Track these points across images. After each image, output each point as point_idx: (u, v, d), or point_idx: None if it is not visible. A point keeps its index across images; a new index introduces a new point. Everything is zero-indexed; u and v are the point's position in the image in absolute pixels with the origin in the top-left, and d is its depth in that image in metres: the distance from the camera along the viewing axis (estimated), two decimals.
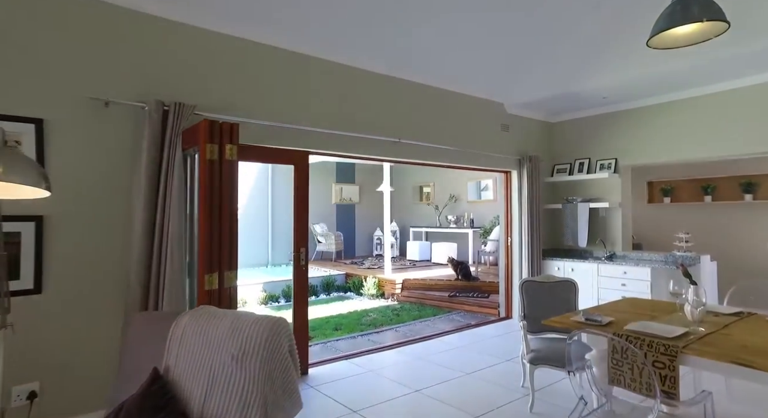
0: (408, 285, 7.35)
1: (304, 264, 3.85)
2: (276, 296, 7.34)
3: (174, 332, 1.66)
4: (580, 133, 6.08)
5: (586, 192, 5.96)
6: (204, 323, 1.67)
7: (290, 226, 3.78)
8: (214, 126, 2.66)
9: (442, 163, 5.10)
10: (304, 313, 3.89)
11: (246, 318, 1.67)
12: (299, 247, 3.84)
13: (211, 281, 2.61)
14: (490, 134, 5.62)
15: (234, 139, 2.74)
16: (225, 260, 2.70)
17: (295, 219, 3.87)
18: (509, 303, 5.98)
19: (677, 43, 2.67)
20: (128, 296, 2.85)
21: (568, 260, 5.57)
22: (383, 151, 4.47)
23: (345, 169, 11.45)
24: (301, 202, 3.89)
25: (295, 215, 3.87)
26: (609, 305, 3.10)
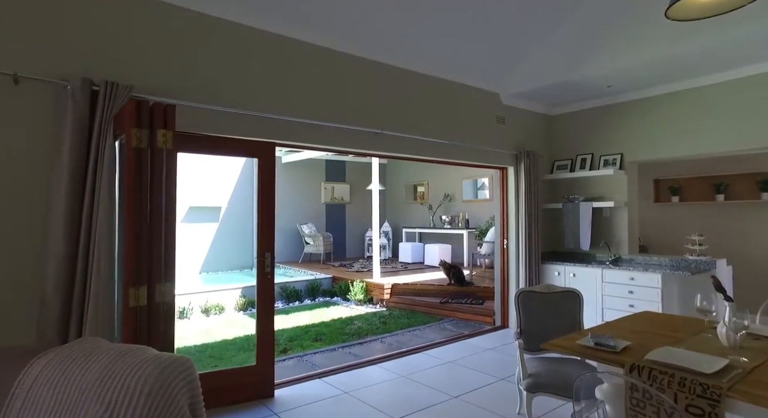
0: (397, 290, 6.87)
1: (269, 271, 3.37)
2: None
3: (22, 384, 1.18)
4: (583, 126, 5.61)
5: (588, 190, 5.49)
6: (69, 367, 1.19)
7: (277, 226, 3.30)
8: (142, 107, 2.19)
9: (431, 157, 4.62)
10: (269, 326, 3.41)
11: (130, 358, 1.19)
12: (264, 251, 3.35)
13: (137, 296, 2.13)
14: (484, 127, 5.15)
15: (169, 124, 2.27)
16: (156, 269, 2.23)
17: (259, 219, 3.39)
18: (505, 311, 5.51)
19: (703, 13, 2.22)
20: (42, 315, 2.36)
21: (569, 265, 5.10)
22: (363, 143, 3.99)
23: (335, 167, 10.97)
24: (267, 200, 3.41)
25: (260, 215, 3.39)
26: (621, 322, 2.62)
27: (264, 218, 3.39)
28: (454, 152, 4.77)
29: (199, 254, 8.97)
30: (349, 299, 7.18)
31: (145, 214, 2.17)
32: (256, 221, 3.33)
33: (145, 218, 2.17)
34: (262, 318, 3.36)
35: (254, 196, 9.62)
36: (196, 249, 8.94)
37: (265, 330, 3.37)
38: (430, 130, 4.53)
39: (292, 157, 9.79)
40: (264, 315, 3.37)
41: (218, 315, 6.41)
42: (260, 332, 3.35)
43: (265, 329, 3.37)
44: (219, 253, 9.18)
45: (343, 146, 3.87)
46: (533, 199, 5.36)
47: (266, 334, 3.37)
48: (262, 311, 3.37)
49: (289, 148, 3.60)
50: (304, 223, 10.14)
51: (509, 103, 5.39)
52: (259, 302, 3.37)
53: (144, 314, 2.13)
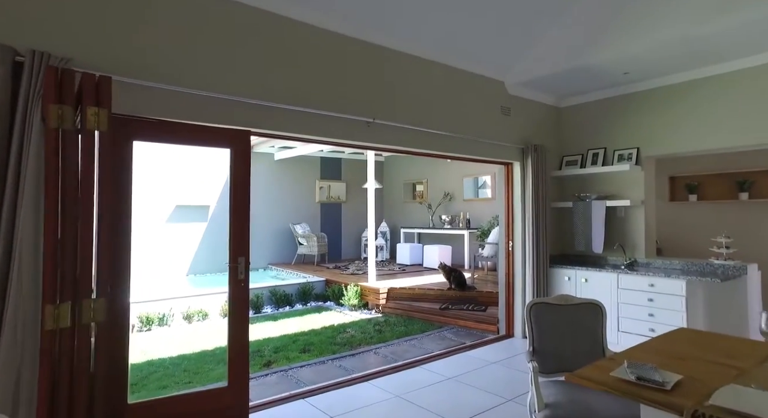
0: (394, 295, 6.43)
1: (243, 278, 2.93)
2: None
3: None
4: (594, 119, 5.17)
5: (601, 188, 5.05)
6: None
7: (268, 226, 2.86)
8: (65, 78, 1.75)
9: (428, 150, 4.18)
10: (242, 339, 2.97)
11: None
12: (237, 256, 2.91)
13: (57, 316, 1.69)
14: (488, 118, 4.71)
15: (103, 101, 1.84)
16: (85, 282, 1.78)
17: (232, 219, 2.95)
18: (510, 318, 5.07)
19: None
20: None
21: (581, 269, 4.66)
22: (352, 133, 3.55)
23: (330, 164, 10.53)
24: (241, 198, 2.97)
25: (233, 215, 2.96)
26: (657, 344, 2.18)
27: (238, 218, 2.95)
28: (454, 145, 4.33)
29: (186, 256, 8.53)
30: (342, 303, 6.74)
31: (71, 213, 1.74)
32: (228, 221, 2.86)
33: (71, 219, 1.74)
34: (234, 334, 2.92)
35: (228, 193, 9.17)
36: (183, 250, 8.50)
37: (237, 347, 2.93)
38: (428, 120, 4.09)
39: (285, 154, 9.35)
40: (237, 330, 2.93)
41: (201, 321, 5.96)
42: (232, 350, 2.91)
43: (237, 345, 2.93)
44: (207, 254, 8.73)
45: (329, 136, 3.43)
46: (541, 198, 4.92)
47: (239, 351, 2.93)
48: (235, 325, 2.92)
49: (266, 137, 3.16)
50: (298, 223, 9.70)
51: (515, 93, 4.95)
52: (231, 316, 2.92)
53: (65, 339, 1.70)
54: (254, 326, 5.73)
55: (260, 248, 9.40)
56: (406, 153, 4.20)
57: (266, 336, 5.28)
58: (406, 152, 4.18)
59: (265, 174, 9.57)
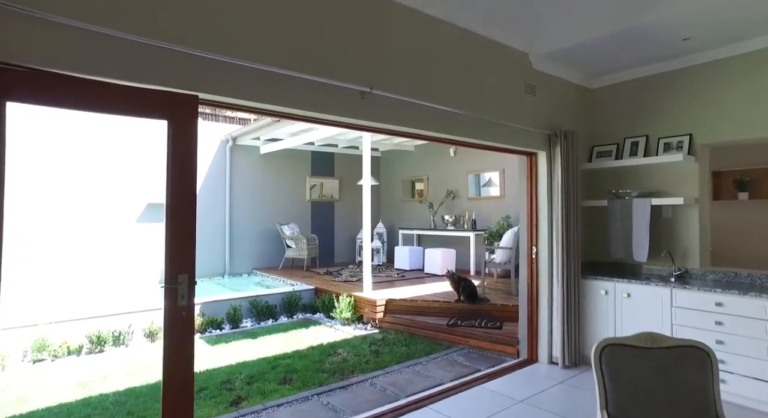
0: (393, 307, 5.57)
1: (184, 304, 2.05)
2: (218, 320, 5.53)
3: None
4: (634, 101, 4.33)
5: (642, 183, 4.23)
6: None
7: (253, 227, 2.09)
8: None
9: (436, 133, 3.32)
10: (185, 378, 2.09)
11: None
12: (176, 272, 2.04)
13: None
14: (510, 97, 3.86)
15: None
16: None
17: (169, 222, 2.08)
18: (533, 339, 4.23)
19: None
20: None
21: (621, 281, 3.83)
22: (341, 106, 2.69)
23: (322, 159, 9.65)
24: (182, 190, 2.10)
25: (170, 215, 2.08)
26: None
27: (178, 220, 2.08)
28: (469, 128, 3.48)
29: (159, 259, 7.62)
30: (333, 317, 5.87)
31: None
32: (165, 224, 1.98)
33: None
34: (170, 365, 2.04)
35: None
36: (157, 253, 7.59)
37: (174, 381, 2.04)
38: (438, 94, 3.24)
39: (271, 147, 8.47)
40: (174, 360, 2.04)
41: None
42: (167, 386, 2.02)
43: (174, 380, 2.04)
44: None
45: (311, 109, 2.56)
46: (572, 195, 4.09)
47: (176, 387, 2.05)
48: (173, 368, 2.04)
49: (220, 107, 2.28)
50: (286, 223, 8.82)
51: (541, 68, 4.10)
52: (167, 357, 2.04)
53: None
54: (229, 347, 4.86)
55: (244, 252, 8.52)
56: (409, 136, 3.33)
57: (241, 360, 4.41)
58: (409, 135, 3.32)
59: (250, 169, 8.68)
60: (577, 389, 3.54)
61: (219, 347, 4.86)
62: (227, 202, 8.35)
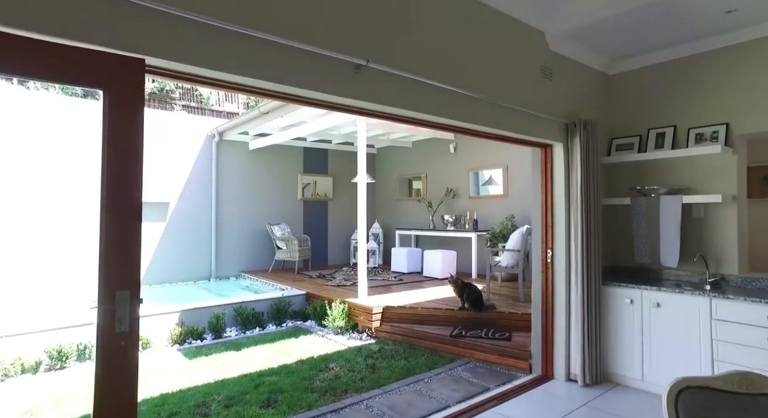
0: (390, 315, 5.11)
1: (123, 329, 1.57)
2: (200, 330, 5.04)
3: None
4: (659, 87, 3.89)
5: (669, 179, 3.79)
6: None
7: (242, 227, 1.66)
8: None
9: (442, 119, 2.85)
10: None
11: None
12: (112, 288, 1.56)
13: None
14: (524, 80, 3.41)
15: None
16: None
17: (105, 221, 1.59)
18: (548, 353, 3.78)
19: None
20: None
21: (649, 288, 3.38)
22: (333, 83, 2.22)
23: (315, 155, 9.17)
24: (125, 177, 1.62)
25: (107, 212, 1.60)
26: None
27: (116, 219, 1.60)
28: (478, 113, 3.03)
29: None
30: (325, 325, 5.39)
31: None
32: (100, 224, 1.49)
33: None
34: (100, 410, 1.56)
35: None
36: None
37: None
38: (445, 72, 2.78)
39: (261, 143, 7.98)
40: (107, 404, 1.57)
41: (142, 352, 4.57)
42: None
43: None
44: (167, 260, 7.33)
45: (293, 85, 2.09)
46: (592, 192, 3.64)
47: None
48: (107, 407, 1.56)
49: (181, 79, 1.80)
50: (276, 223, 8.33)
51: (558, 50, 3.66)
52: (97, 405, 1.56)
53: None
54: (209, 361, 4.37)
55: (232, 254, 8.02)
56: (410, 121, 2.86)
57: (221, 376, 3.93)
58: (410, 120, 2.85)
59: (238, 166, 8.19)
60: (605, 413, 3.09)
61: (198, 361, 4.37)
62: (213, 201, 7.84)
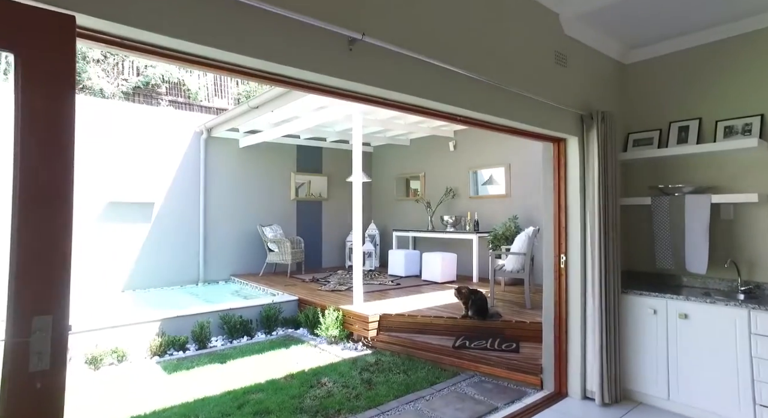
0: (388, 324, 4.75)
1: (43, 367, 1.20)
2: (182, 340, 4.66)
3: None
4: (681, 77, 3.57)
5: (692, 176, 3.46)
6: None
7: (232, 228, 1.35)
8: None
9: (448, 106, 2.50)
10: None
11: None
12: (29, 312, 1.19)
13: None
14: (538, 66, 3.08)
15: None
16: None
17: (17, 221, 1.22)
18: (562, 367, 3.44)
19: None
20: None
21: (676, 298, 3.05)
22: (322, 60, 1.87)
23: (308, 154, 8.81)
24: (48, 167, 1.25)
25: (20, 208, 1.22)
26: None
27: (37, 220, 1.23)
28: (487, 100, 2.69)
29: (122, 266, 6.73)
30: (318, 333, 5.04)
31: None
32: (11, 226, 1.12)
33: None
34: None
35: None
36: (119, 258, 6.70)
37: None
38: (451, 51, 2.43)
39: (252, 140, 7.61)
40: None
41: (116, 366, 4.21)
42: None
43: None
44: (151, 264, 6.95)
45: (267, 58, 1.73)
46: (611, 191, 3.30)
47: None
48: None
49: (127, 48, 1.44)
50: (268, 224, 7.97)
51: (573, 34, 3.32)
52: None
53: None
54: (190, 375, 4.01)
55: (221, 256, 7.65)
56: (411, 109, 2.50)
57: (202, 394, 3.56)
58: (412, 108, 2.49)
59: (228, 164, 7.82)
60: None
61: (178, 375, 4.00)
62: (202, 201, 7.46)
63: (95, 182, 6.49)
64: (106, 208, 6.59)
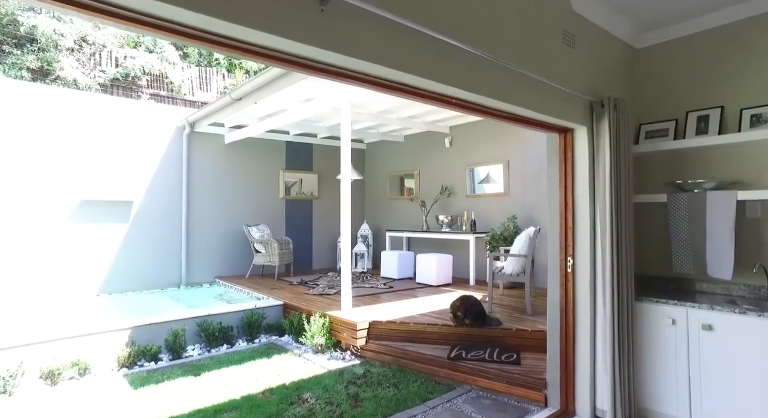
0: (378, 332, 4.40)
1: None
2: (154, 349, 4.29)
3: None
4: (699, 61, 3.23)
5: (716, 171, 3.12)
6: None
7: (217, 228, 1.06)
8: None
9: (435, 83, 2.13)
10: None
11: None
12: None
13: None
14: (543, 44, 2.73)
15: None
16: None
17: None
18: (569, 381, 3.09)
19: None
20: None
21: (696, 306, 2.71)
22: (287, 21, 1.51)
23: (298, 151, 8.44)
24: None
25: None
26: None
27: None
28: (484, 78, 2.34)
29: (97, 268, 6.34)
30: (302, 341, 4.67)
31: None
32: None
33: None
34: None
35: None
36: (93, 260, 6.31)
37: None
38: (441, 19, 2.08)
39: (238, 135, 7.23)
40: None
41: (77, 380, 3.83)
42: None
43: None
44: (129, 266, 6.57)
45: (215, 15, 1.36)
46: (625, 187, 2.96)
47: None
48: None
49: None
50: (255, 224, 7.59)
51: (582, 12, 2.98)
52: None
53: None
54: (159, 390, 3.64)
55: (205, 258, 7.28)
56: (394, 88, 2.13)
57: (166, 414, 3.20)
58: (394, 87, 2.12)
59: (213, 161, 7.44)
60: None
61: (145, 390, 3.63)
62: (184, 199, 7.08)
63: (67, 179, 6.10)
64: (79, 206, 6.20)
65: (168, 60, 8.63)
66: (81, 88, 7.60)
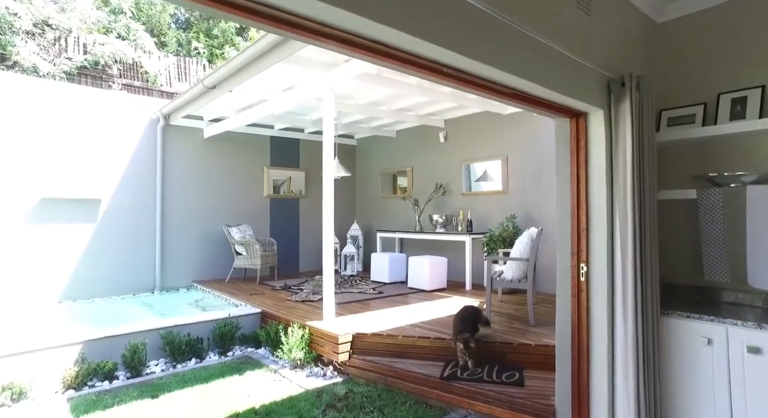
0: (363, 346, 3.91)
1: None
2: (109, 366, 3.78)
3: None
4: (732, 35, 2.77)
5: (758, 162, 2.65)
6: None
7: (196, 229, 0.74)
8: None
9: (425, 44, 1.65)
10: None
11: None
12: None
13: None
14: (554, 7, 2.25)
15: None
16: None
17: None
18: (581, 407, 2.63)
19: None
20: None
21: (739, 324, 2.24)
22: None
23: (284, 146, 7.95)
24: None
25: None
26: None
27: None
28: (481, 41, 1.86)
29: (59, 273, 5.82)
30: (279, 355, 4.18)
31: None
32: None
33: None
34: None
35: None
36: (55, 264, 5.79)
37: None
38: None
39: (218, 129, 6.73)
40: None
41: (9, 407, 3.31)
42: None
43: None
44: (97, 269, 6.05)
45: None
46: (649, 182, 2.49)
47: None
48: None
49: None
50: (236, 224, 7.09)
51: None
52: None
53: None
54: (105, 416, 3.14)
55: (182, 260, 6.77)
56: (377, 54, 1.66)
57: None
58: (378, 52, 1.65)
59: (190, 156, 6.94)
60: None
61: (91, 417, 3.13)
62: (159, 197, 6.57)
63: (24, 175, 5.58)
64: (38, 205, 5.68)
65: (143, 48, 8.10)
66: (42, 75, 7.03)
